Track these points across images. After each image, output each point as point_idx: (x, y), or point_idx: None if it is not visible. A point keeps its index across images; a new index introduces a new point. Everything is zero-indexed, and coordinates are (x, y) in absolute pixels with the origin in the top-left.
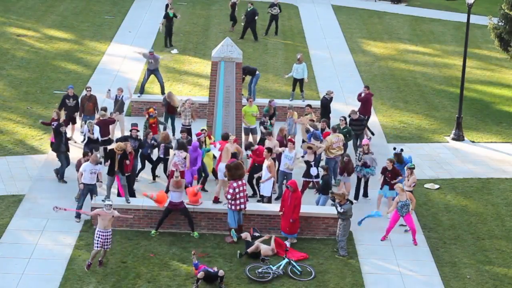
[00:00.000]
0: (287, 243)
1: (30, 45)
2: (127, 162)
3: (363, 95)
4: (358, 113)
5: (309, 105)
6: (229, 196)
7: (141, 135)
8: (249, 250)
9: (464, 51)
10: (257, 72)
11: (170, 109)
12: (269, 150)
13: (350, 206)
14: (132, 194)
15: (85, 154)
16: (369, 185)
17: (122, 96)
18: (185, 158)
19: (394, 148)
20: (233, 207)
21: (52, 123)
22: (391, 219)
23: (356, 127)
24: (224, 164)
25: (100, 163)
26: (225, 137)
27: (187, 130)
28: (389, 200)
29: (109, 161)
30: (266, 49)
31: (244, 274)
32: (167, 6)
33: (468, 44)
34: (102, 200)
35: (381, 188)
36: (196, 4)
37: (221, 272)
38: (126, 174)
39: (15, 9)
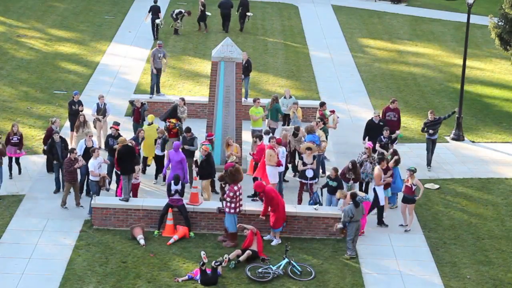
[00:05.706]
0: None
1: (30, 45)
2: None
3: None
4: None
5: (295, 103)
6: (228, 199)
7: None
8: (241, 258)
9: (464, 51)
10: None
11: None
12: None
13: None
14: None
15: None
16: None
17: (104, 103)
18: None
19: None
20: (232, 210)
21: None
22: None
23: (431, 127)
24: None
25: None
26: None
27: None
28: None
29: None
30: (266, 49)
31: (244, 274)
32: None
33: (468, 44)
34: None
35: None
36: (196, 4)
37: (215, 263)
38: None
39: (15, 9)
